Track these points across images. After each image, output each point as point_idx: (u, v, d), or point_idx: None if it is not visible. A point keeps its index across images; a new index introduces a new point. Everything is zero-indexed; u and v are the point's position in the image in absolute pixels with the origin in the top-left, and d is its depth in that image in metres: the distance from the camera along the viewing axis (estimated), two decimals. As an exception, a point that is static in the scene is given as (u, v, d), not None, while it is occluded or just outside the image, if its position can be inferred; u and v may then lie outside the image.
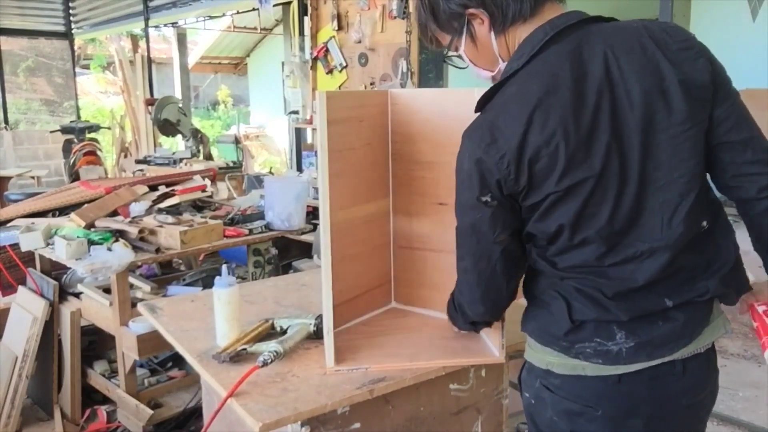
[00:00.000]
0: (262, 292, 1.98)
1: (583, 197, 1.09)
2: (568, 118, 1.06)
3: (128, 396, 2.64)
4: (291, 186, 3.10)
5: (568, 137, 1.06)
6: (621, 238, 1.12)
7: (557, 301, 1.17)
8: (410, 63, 4.57)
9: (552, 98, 1.07)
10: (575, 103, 1.07)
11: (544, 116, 1.06)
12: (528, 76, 1.11)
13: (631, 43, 1.11)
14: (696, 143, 1.12)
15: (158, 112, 5.85)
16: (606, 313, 1.13)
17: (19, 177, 6.67)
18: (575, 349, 1.15)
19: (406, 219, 1.72)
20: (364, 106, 1.60)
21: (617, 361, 1.14)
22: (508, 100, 1.11)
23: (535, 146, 1.06)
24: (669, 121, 1.10)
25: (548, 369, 1.20)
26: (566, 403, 1.18)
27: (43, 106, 9.86)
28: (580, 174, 1.07)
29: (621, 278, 1.13)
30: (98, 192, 3.13)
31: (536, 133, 1.06)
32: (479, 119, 1.14)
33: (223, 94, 14.67)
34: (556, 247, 1.15)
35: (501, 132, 1.08)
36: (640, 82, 1.09)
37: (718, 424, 2.86)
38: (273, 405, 1.28)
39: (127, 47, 8.67)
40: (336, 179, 1.43)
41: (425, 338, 1.59)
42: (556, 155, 1.06)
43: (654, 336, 1.14)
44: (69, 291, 2.93)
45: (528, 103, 1.07)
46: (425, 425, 1.49)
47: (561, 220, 1.11)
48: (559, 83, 1.08)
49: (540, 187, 1.09)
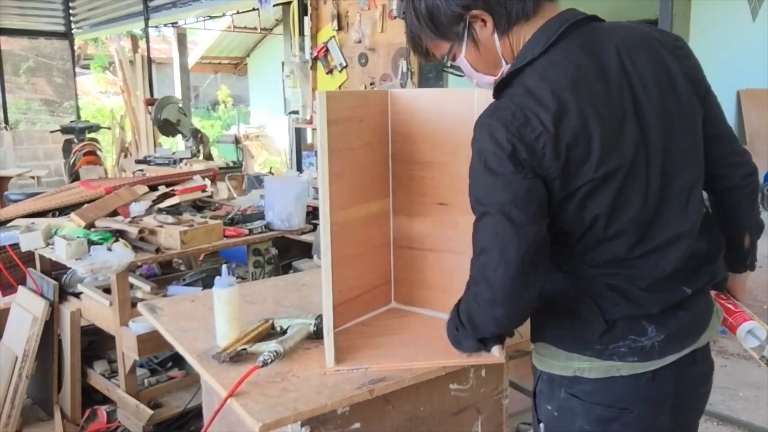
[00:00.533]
0: (262, 292, 1.98)
1: (617, 186, 1.09)
2: (599, 106, 1.07)
3: (128, 396, 2.64)
4: (291, 186, 3.10)
5: (603, 124, 1.06)
6: (648, 228, 1.13)
7: (585, 303, 1.15)
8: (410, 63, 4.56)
9: (581, 85, 1.07)
10: (603, 92, 1.08)
11: (577, 101, 1.06)
12: (550, 64, 1.10)
13: (637, 37, 1.14)
14: (700, 133, 1.19)
15: (158, 112, 5.85)
16: (637, 307, 1.14)
17: (19, 177, 6.67)
18: (609, 350, 1.14)
19: (406, 219, 1.72)
20: (364, 106, 1.60)
21: (651, 356, 1.14)
22: (536, 85, 1.08)
23: (572, 130, 1.05)
24: (681, 111, 1.14)
25: (576, 376, 1.17)
26: (599, 410, 1.16)
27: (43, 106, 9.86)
28: (614, 162, 1.08)
29: (649, 269, 1.14)
30: (98, 192, 3.13)
31: (572, 117, 1.05)
32: (504, 102, 1.10)
33: (223, 94, 14.67)
34: (586, 242, 1.14)
35: (534, 113, 1.05)
36: (652, 74, 1.12)
37: (718, 424, 2.86)
38: (273, 405, 1.28)
39: (127, 47, 8.67)
40: (336, 179, 1.43)
41: (425, 338, 1.59)
42: (591, 142, 1.05)
43: (679, 327, 1.16)
44: (69, 291, 2.93)
45: (558, 88, 1.06)
46: (425, 425, 1.49)
47: (597, 210, 1.10)
48: (584, 72, 1.08)
49: (576, 174, 1.07)
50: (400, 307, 1.78)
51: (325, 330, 1.42)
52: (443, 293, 1.70)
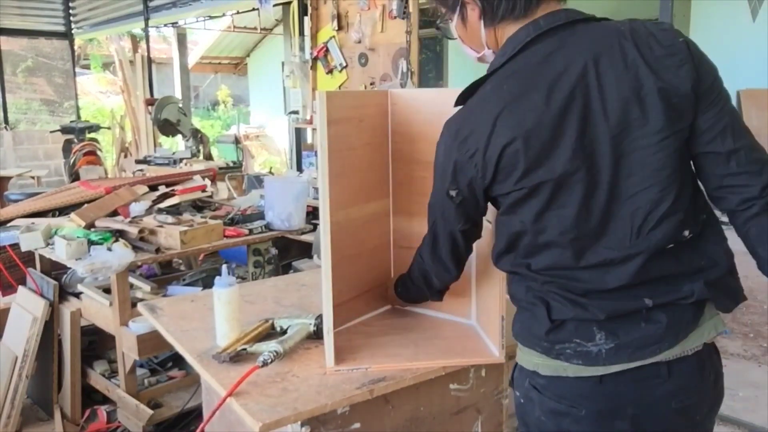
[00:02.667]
0: (262, 292, 1.98)
1: (544, 199, 1.12)
2: (532, 122, 1.09)
3: (128, 396, 2.64)
4: (291, 186, 3.10)
5: (529, 140, 1.09)
6: (589, 244, 1.12)
7: (537, 302, 1.19)
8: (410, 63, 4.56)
9: (520, 101, 1.10)
10: (543, 107, 1.08)
11: (509, 118, 1.10)
12: (504, 77, 1.14)
13: (612, 48, 1.10)
14: (672, 153, 1.10)
15: (158, 112, 5.85)
16: (584, 311, 1.14)
17: (19, 177, 6.67)
18: (556, 350, 1.17)
19: (406, 219, 1.72)
20: (364, 106, 1.60)
21: (596, 362, 1.14)
22: (483, 99, 1.15)
23: (498, 147, 1.10)
24: (643, 131, 1.09)
25: (535, 370, 1.22)
26: (552, 403, 1.19)
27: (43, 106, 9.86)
28: (539, 176, 1.10)
29: (591, 281, 1.14)
30: (98, 192, 3.13)
31: (500, 134, 1.10)
32: (459, 113, 1.19)
33: (223, 94, 14.67)
34: (524, 248, 1.18)
35: (472, 131, 1.13)
36: (617, 89, 1.08)
37: (718, 424, 2.86)
38: (273, 405, 1.28)
39: (127, 47, 8.67)
40: (336, 179, 1.43)
41: (425, 338, 1.59)
42: (516, 156, 1.09)
43: (636, 337, 1.13)
44: (69, 291, 2.93)
45: (498, 105, 1.11)
46: (425, 425, 1.49)
47: (523, 218, 1.15)
48: (532, 86, 1.10)
49: (503, 183, 1.13)
50: (400, 307, 1.78)
51: (325, 330, 1.42)
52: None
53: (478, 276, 1.60)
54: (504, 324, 1.45)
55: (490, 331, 1.53)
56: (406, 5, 4.53)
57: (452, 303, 1.69)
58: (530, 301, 1.21)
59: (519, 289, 1.24)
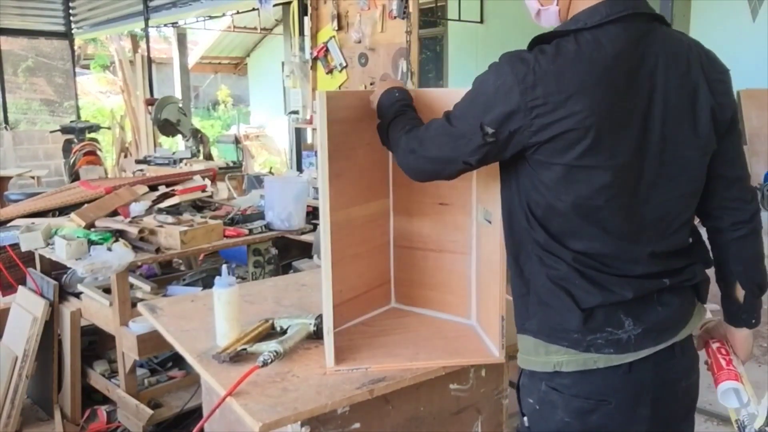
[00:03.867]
0: (262, 292, 1.99)
1: (598, 183, 1.11)
2: (610, 102, 1.08)
3: (128, 396, 2.64)
4: (291, 186, 3.10)
5: (603, 120, 1.08)
6: (624, 237, 1.16)
7: (560, 293, 1.17)
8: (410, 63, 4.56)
9: (604, 77, 1.08)
10: (623, 90, 1.09)
11: (591, 90, 1.07)
12: (592, 42, 1.10)
13: (680, 57, 1.15)
14: (704, 169, 1.21)
15: (158, 112, 5.85)
16: (610, 294, 1.15)
17: (19, 177, 6.67)
18: (587, 342, 1.16)
19: (406, 219, 1.72)
20: (364, 106, 1.60)
21: (627, 348, 1.16)
22: (565, 57, 1.09)
23: (572, 113, 1.06)
24: (690, 143, 1.16)
25: (556, 370, 1.19)
26: (578, 402, 1.18)
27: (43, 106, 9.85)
28: (601, 158, 1.09)
29: (619, 268, 1.16)
30: (98, 192, 3.13)
31: (578, 102, 1.06)
32: (530, 55, 1.11)
33: (223, 94, 14.66)
34: (559, 227, 1.16)
35: (545, 82, 1.07)
36: (678, 97, 1.14)
37: (719, 424, 2.85)
38: (273, 405, 1.28)
39: (127, 47, 8.67)
40: (336, 179, 1.43)
41: (425, 338, 1.59)
42: (587, 132, 1.07)
43: (657, 321, 1.18)
44: (69, 291, 2.93)
45: (584, 70, 1.07)
46: (425, 425, 1.49)
47: (571, 195, 1.12)
48: (615, 67, 1.09)
49: (560, 153, 1.09)
50: (400, 307, 1.78)
51: (325, 330, 1.42)
52: (443, 293, 1.70)
53: (478, 276, 1.60)
54: (504, 324, 1.45)
55: (490, 331, 1.53)
56: (406, 5, 4.52)
57: (452, 303, 1.69)
58: (550, 291, 1.18)
59: (537, 278, 1.21)
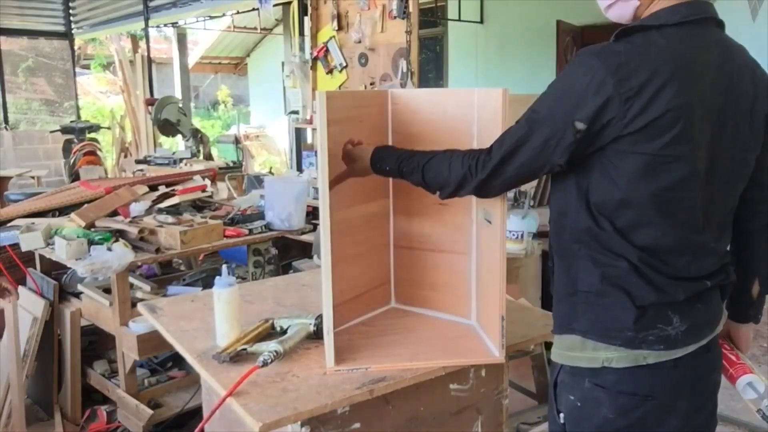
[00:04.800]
0: (262, 292, 1.99)
1: (678, 176, 1.13)
2: (700, 95, 1.11)
3: (128, 396, 2.64)
4: (291, 186, 3.10)
5: (693, 111, 1.11)
6: (690, 230, 1.18)
7: (615, 292, 1.18)
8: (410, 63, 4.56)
9: (695, 70, 1.12)
10: (709, 87, 1.13)
11: (684, 81, 1.09)
12: (678, 38, 1.13)
13: (746, 64, 1.22)
14: (749, 172, 1.27)
15: (158, 112, 5.85)
16: (663, 295, 1.17)
17: (19, 177, 6.66)
18: (639, 338, 1.18)
19: (406, 219, 1.72)
20: (364, 106, 1.60)
21: (675, 344, 1.18)
22: (656, 47, 1.11)
23: (666, 102, 1.08)
24: (749, 145, 1.23)
25: (604, 366, 1.20)
26: (624, 398, 1.19)
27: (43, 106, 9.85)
28: (686, 151, 1.11)
29: (678, 266, 1.18)
30: (98, 192, 3.13)
31: (673, 91, 1.08)
32: (616, 47, 1.12)
33: (223, 94, 14.66)
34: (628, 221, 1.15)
35: (639, 72, 1.08)
36: (744, 99, 1.19)
37: (718, 424, 2.85)
38: (273, 405, 1.28)
39: (127, 47, 8.67)
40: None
41: (425, 338, 1.59)
42: (677, 121, 1.08)
43: (699, 318, 1.21)
44: (69, 291, 2.93)
45: (674, 61, 1.10)
46: (425, 425, 1.49)
47: (651, 185, 1.13)
48: (701, 61, 1.13)
49: (649, 141, 1.10)
50: (400, 307, 1.78)
51: (325, 330, 1.42)
52: (443, 293, 1.70)
53: (478, 276, 1.60)
54: (504, 324, 1.45)
55: (490, 331, 1.53)
56: (406, 5, 4.53)
57: (452, 303, 1.69)
58: (604, 291, 1.19)
59: (589, 277, 1.20)
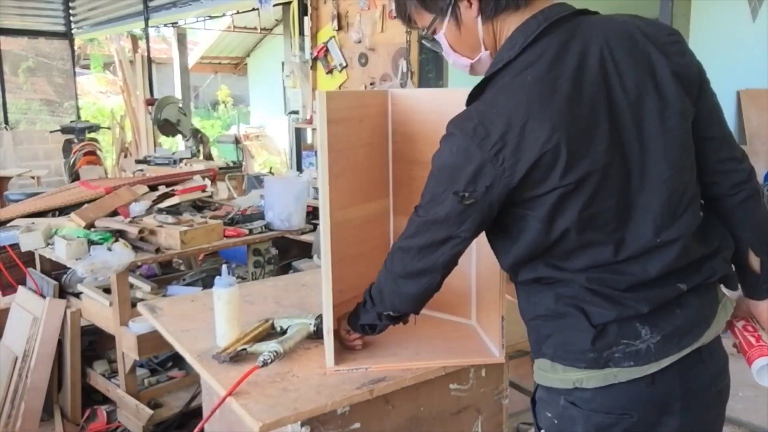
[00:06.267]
0: (262, 292, 1.98)
1: (588, 193, 1.05)
2: (567, 112, 1.03)
3: (128, 396, 2.64)
4: (291, 186, 3.10)
5: (569, 131, 1.02)
6: (629, 233, 1.09)
7: (571, 311, 1.12)
8: (410, 63, 4.56)
9: (549, 90, 1.03)
10: (574, 96, 1.04)
11: (542, 109, 1.02)
12: (522, 67, 1.07)
13: (623, 35, 1.10)
14: (690, 136, 1.13)
15: (158, 112, 5.85)
16: (625, 309, 1.09)
17: (19, 177, 6.66)
18: (604, 358, 1.10)
19: (406, 219, 1.71)
20: (364, 106, 1.60)
21: (648, 359, 1.09)
22: (503, 91, 1.06)
23: (535, 140, 1.02)
24: (665, 114, 1.09)
25: (576, 387, 1.14)
26: (599, 417, 1.12)
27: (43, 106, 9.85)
28: (584, 167, 1.04)
29: (633, 273, 1.10)
30: (98, 192, 3.13)
31: (535, 127, 1.02)
32: (470, 110, 1.09)
33: (223, 94, 14.66)
34: (562, 248, 1.10)
35: (495, 125, 1.03)
36: (635, 74, 1.08)
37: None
38: (273, 405, 1.28)
39: (127, 47, 8.67)
40: (336, 179, 1.43)
41: (425, 338, 1.59)
42: (558, 150, 1.02)
43: (677, 325, 1.11)
44: (69, 291, 2.93)
45: (526, 95, 1.03)
46: (425, 425, 1.49)
47: (568, 217, 1.06)
48: (556, 75, 1.04)
49: (541, 182, 1.04)
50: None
51: (325, 330, 1.42)
52: (443, 293, 1.69)
53: (478, 276, 1.60)
54: (504, 324, 1.45)
55: (490, 331, 1.53)
56: (406, 5, 4.52)
57: (452, 303, 1.69)
58: (561, 312, 1.13)
59: (545, 300, 1.15)
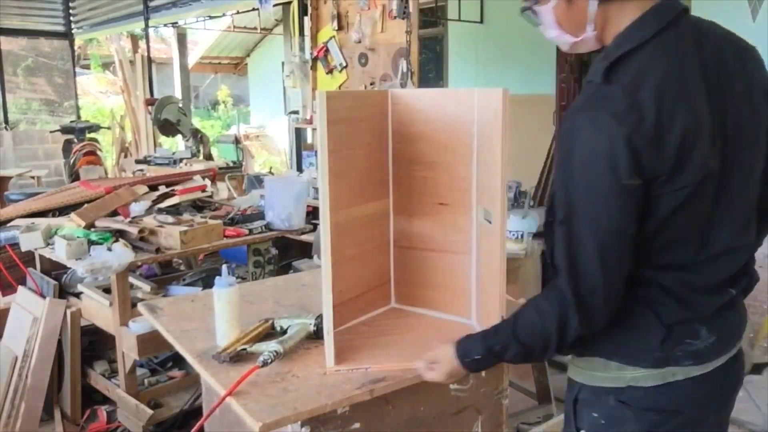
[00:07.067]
0: (262, 292, 1.98)
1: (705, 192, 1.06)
2: (700, 104, 1.04)
3: (128, 396, 2.64)
4: (291, 186, 3.10)
5: (701, 124, 1.03)
6: (713, 234, 1.11)
7: (641, 312, 1.12)
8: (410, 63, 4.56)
9: (688, 81, 1.04)
10: (703, 92, 1.05)
11: (683, 98, 1.02)
12: (660, 52, 1.05)
13: (727, 40, 1.13)
14: (765, 148, 1.16)
15: (158, 112, 5.85)
16: (692, 311, 1.12)
17: (19, 177, 6.67)
18: (668, 357, 1.12)
19: (406, 219, 1.72)
20: (364, 106, 1.60)
21: (705, 358, 1.13)
22: (648, 74, 1.03)
23: (680, 129, 1.00)
24: (753, 124, 1.12)
25: (630, 384, 1.14)
26: (651, 415, 1.14)
27: (43, 106, 9.86)
28: (709, 166, 1.05)
29: (707, 274, 1.12)
30: (98, 192, 3.13)
31: (678, 115, 1.00)
32: (611, 91, 1.03)
33: (223, 94, 14.66)
34: (654, 244, 1.09)
35: (645, 108, 1.00)
36: (738, 82, 1.10)
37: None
38: (273, 405, 1.28)
39: (127, 47, 8.67)
40: (336, 179, 1.43)
41: (425, 338, 1.58)
42: (695, 142, 1.01)
43: (727, 326, 1.16)
44: (69, 291, 2.93)
45: (672, 80, 1.02)
46: (425, 425, 1.49)
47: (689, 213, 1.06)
48: (691, 69, 1.05)
49: (680, 173, 1.02)
50: (400, 307, 1.78)
51: (325, 330, 1.42)
52: (443, 293, 1.70)
53: (478, 276, 1.60)
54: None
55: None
56: (406, 5, 4.52)
57: (452, 303, 1.69)
58: (629, 311, 1.12)
59: None
